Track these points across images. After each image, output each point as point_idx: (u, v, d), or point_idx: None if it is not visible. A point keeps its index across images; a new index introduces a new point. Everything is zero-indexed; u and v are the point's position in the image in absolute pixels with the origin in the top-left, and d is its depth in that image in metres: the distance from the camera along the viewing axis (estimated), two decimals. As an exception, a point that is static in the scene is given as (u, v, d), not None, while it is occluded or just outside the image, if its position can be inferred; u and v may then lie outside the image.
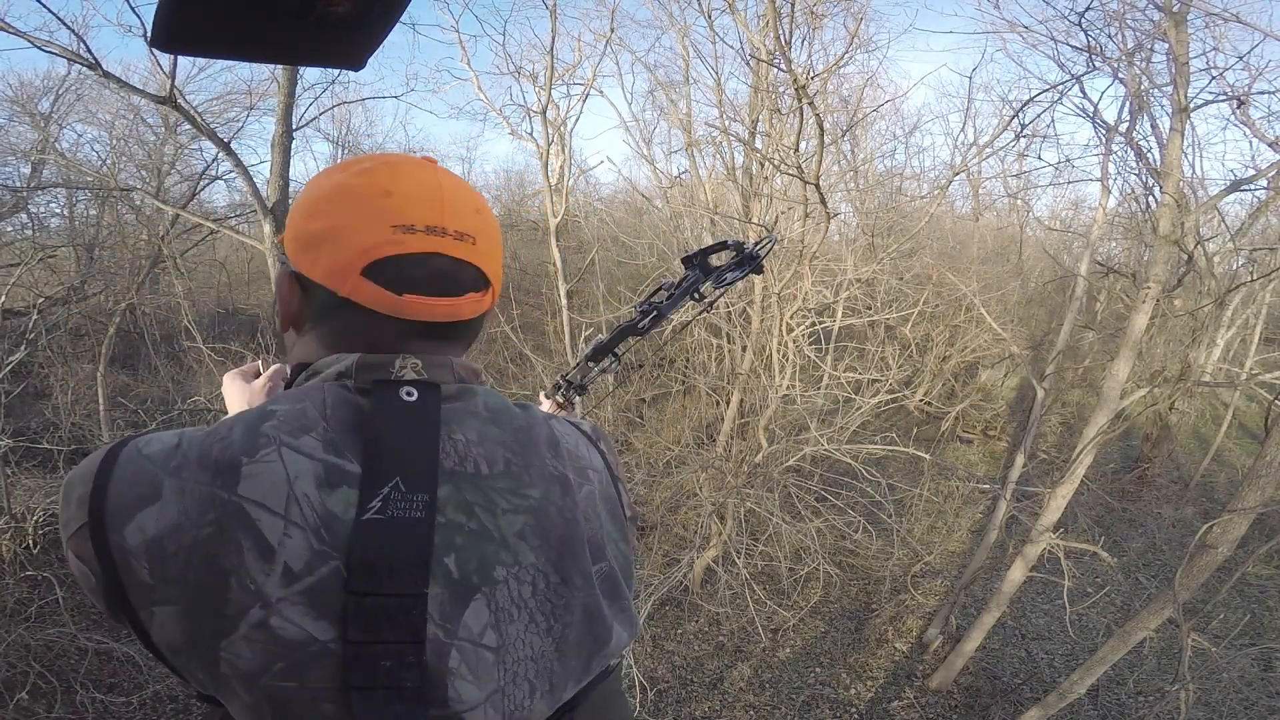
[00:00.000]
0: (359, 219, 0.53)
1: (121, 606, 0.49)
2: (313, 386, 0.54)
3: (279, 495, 0.48)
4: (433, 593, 0.50)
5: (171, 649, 0.49)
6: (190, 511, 0.48)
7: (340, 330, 0.57)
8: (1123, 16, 5.55)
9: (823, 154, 5.00)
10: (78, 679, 5.37)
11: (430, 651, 0.49)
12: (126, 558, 0.48)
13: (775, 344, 6.34)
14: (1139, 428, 11.99)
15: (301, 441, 0.50)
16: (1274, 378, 5.49)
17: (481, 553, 0.52)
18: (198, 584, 0.47)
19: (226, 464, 0.49)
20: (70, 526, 0.50)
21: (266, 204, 4.08)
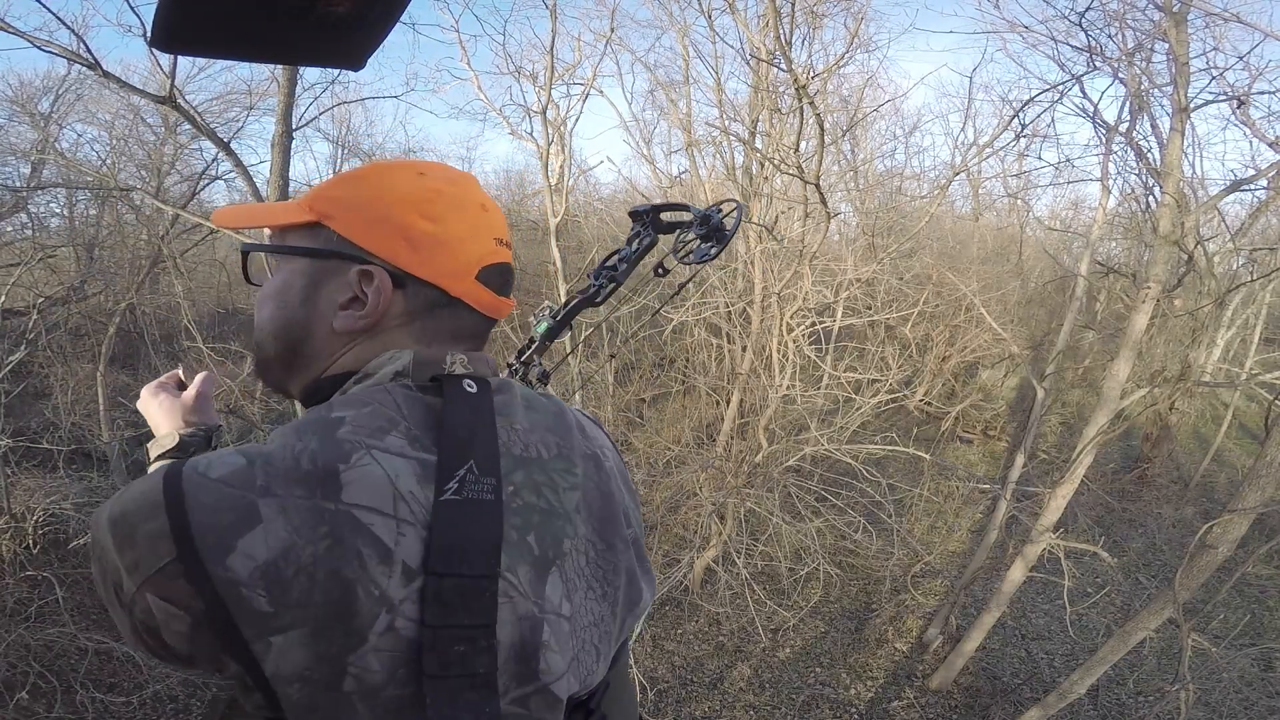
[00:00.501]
0: (470, 227, 0.59)
1: (225, 644, 0.46)
2: (375, 389, 0.54)
3: (385, 496, 0.48)
4: (522, 572, 0.52)
5: (289, 678, 0.46)
6: (300, 529, 0.46)
7: (437, 327, 0.59)
8: (1123, 16, 5.56)
9: (823, 154, 5.00)
10: (78, 679, 5.37)
11: (527, 628, 0.52)
12: (237, 589, 0.45)
13: (775, 344, 6.34)
14: (1139, 428, 11.99)
15: (388, 442, 0.50)
16: (1274, 378, 5.49)
17: (553, 529, 0.56)
18: (324, 602, 0.45)
19: (323, 474, 0.47)
20: (147, 568, 0.46)
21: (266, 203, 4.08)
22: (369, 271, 0.57)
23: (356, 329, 0.58)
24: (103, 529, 0.49)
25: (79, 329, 10.01)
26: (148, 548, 0.46)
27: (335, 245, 0.58)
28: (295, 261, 0.60)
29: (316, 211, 0.58)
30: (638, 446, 8.75)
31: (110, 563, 0.48)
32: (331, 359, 0.59)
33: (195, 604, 0.45)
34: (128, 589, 0.47)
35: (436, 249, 0.57)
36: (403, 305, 0.58)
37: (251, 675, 0.46)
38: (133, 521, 0.47)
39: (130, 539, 0.46)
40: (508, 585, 0.52)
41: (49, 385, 8.62)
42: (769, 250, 6.76)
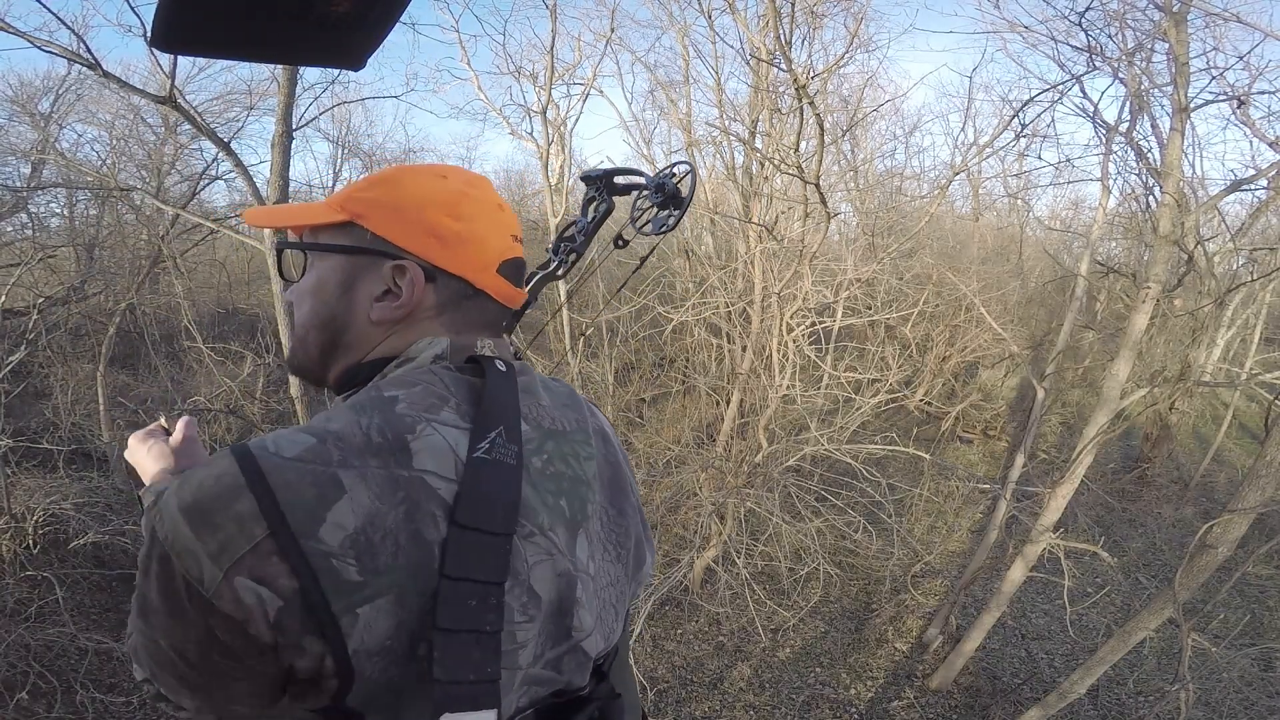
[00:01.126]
0: (490, 226, 0.64)
1: (313, 623, 0.47)
2: (420, 371, 0.58)
3: (449, 463, 0.52)
4: (559, 531, 0.57)
5: (371, 651, 0.48)
6: (382, 495, 0.48)
7: (464, 316, 0.64)
8: (1123, 16, 5.55)
9: (823, 154, 5.00)
10: (78, 679, 5.37)
11: (564, 585, 0.56)
12: (329, 561, 0.46)
13: (775, 344, 6.34)
14: (1139, 428, 11.99)
15: (443, 415, 0.54)
16: (1274, 378, 5.49)
17: (580, 494, 0.61)
18: (407, 564, 0.48)
19: (394, 445, 0.50)
20: (236, 549, 0.46)
21: (266, 204, 4.08)
22: (403, 266, 0.61)
23: (392, 319, 0.62)
24: (173, 521, 0.47)
25: (79, 329, 10.01)
26: (236, 529, 0.46)
27: (369, 243, 0.61)
28: (330, 258, 0.63)
29: (349, 211, 0.62)
30: (638, 446, 8.74)
31: (188, 555, 0.47)
32: (370, 347, 0.63)
33: (288, 582, 0.46)
34: (212, 577, 0.46)
35: (463, 245, 0.62)
36: (433, 297, 0.62)
37: (335, 656, 0.48)
38: (212, 506, 0.47)
39: (212, 524, 0.46)
40: (549, 544, 0.56)
41: (49, 385, 8.62)
42: (769, 250, 6.76)
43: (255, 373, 8.50)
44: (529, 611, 0.54)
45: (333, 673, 0.49)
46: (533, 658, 0.56)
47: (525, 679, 0.56)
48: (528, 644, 0.55)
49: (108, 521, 6.51)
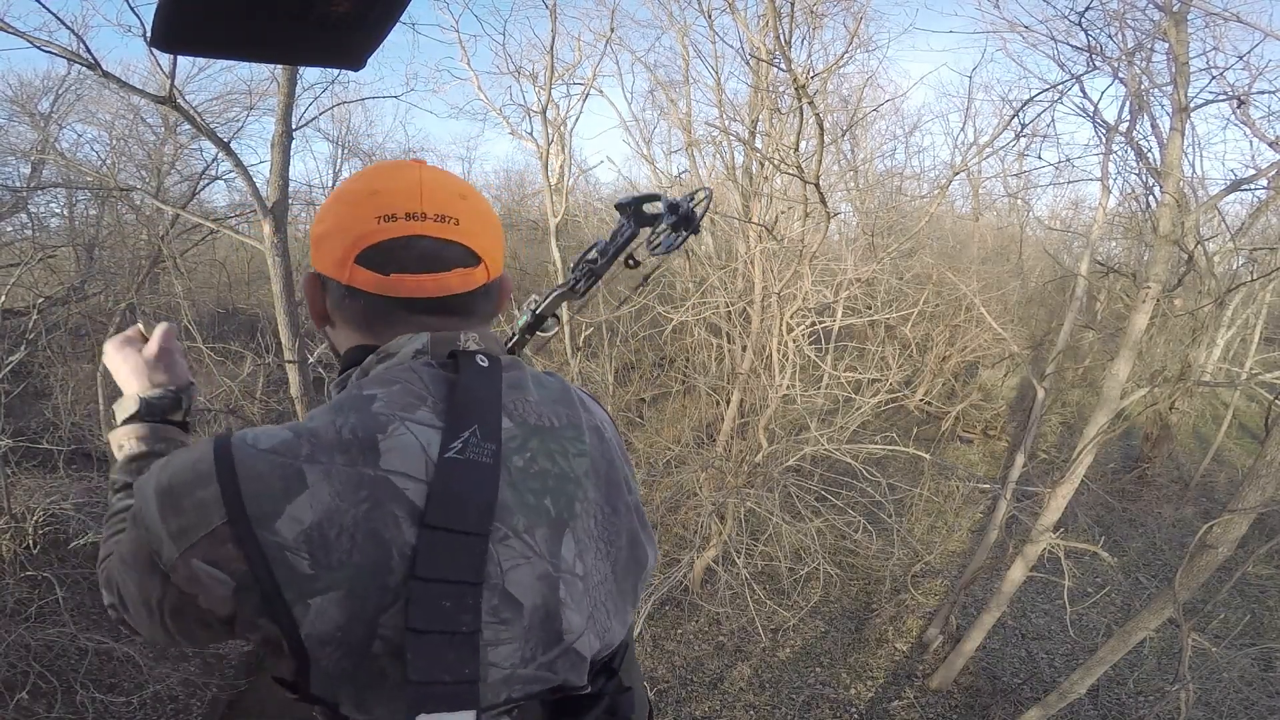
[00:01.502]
0: (351, 216, 0.59)
1: (267, 608, 0.48)
2: (399, 368, 0.58)
3: (419, 463, 0.52)
4: (539, 533, 0.57)
5: (323, 639, 0.49)
6: (343, 493, 0.49)
7: (359, 314, 0.62)
8: (1123, 16, 5.55)
9: (823, 154, 5.00)
10: (78, 679, 5.37)
11: (546, 588, 0.56)
12: (282, 552, 0.48)
13: (775, 344, 6.33)
14: (1139, 428, 11.99)
15: (419, 415, 0.54)
16: (1274, 378, 5.49)
17: (567, 492, 0.60)
18: (362, 563, 0.49)
19: (363, 443, 0.51)
20: (193, 533, 0.48)
21: (266, 204, 4.08)
22: (307, 276, 0.64)
23: (319, 326, 0.66)
24: (149, 499, 0.50)
25: (79, 329, 10.01)
26: (197, 514, 0.48)
27: None
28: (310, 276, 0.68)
29: None
30: (638, 446, 8.74)
31: (152, 531, 0.50)
32: (333, 348, 0.67)
33: (239, 567, 0.48)
34: (169, 555, 0.49)
35: (325, 244, 0.61)
36: (329, 301, 0.64)
37: (288, 639, 0.49)
38: (181, 490, 0.49)
39: (178, 506, 0.49)
40: (525, 546, 0.56)
41: (49, 385, 8.62)
42: (769, 250, 6.76)
43: (255, 373, 8.50)
44: (501, 615, 0.54)
45: (289, 653, 0.50)
46: (520, 659, 0.55)
47: (512, 679, 0.55)
48: (503, 644, 0.54)
49: None
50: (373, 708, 0.52)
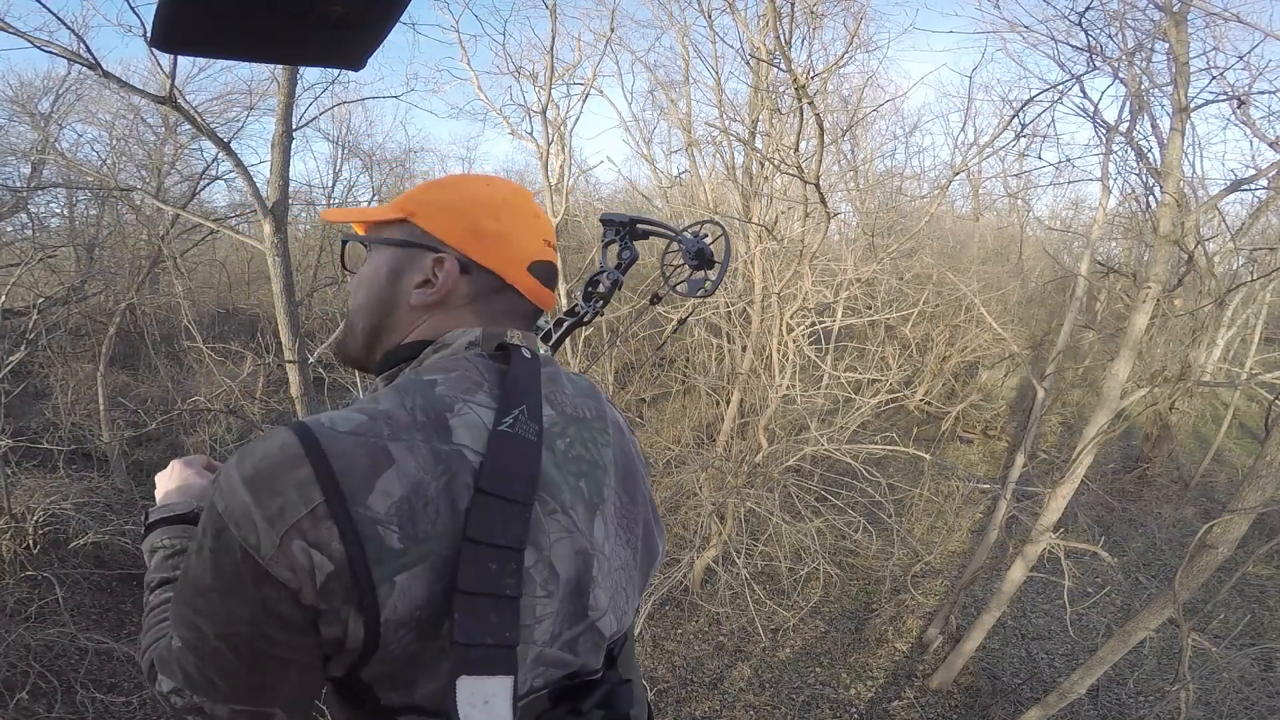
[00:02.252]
0: (525, 230, 0.70)
1: (355, 592, 0.49)
2: (455, 358, 0.63)
3: (481, 438, 0.56)
4: (579, 510, 0.61)
5: (400, 620, 0.50)
6: (425, 466, 0.52)
7: (493, 307, 0.69)
8: (1123, 16, 5.55)
9: (823, 154, 5.00)
10: (78, 679, 5.37)
11: (581, 563, 0.60)
12: (374, 527, 0.49)
13: (775, 344, 6.34)
14: (1139, 428, 11.99)
15: (478, 397, 0.59)
16: (1274, 378, 5.49)
17: (597, 478, 0.65)
18: (444, 533, 0.51)
19: (435, 421, 0.55)
20: (292, 513, 0.49)
21: (266, 204, 4.08)
22: (441, 258, 0.67)
23: (427, 304, 0.68)
24: (236, 491, 0.50)
25: (79, 329, 10.01)
26: (295, 494, 0.49)
27: (416, 237, 0.69)
28: (385, 251, 0.70)
29: (404, 210, 0.70)
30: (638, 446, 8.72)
31: (245, 522, 0.49)
32: (408, 330, 0.69)
33: (338, 546, 0.49)
34: (270, 542, 0.49)
35: (497, 243, 0.68)
36: (466, 288, 0.68)
37: (365, 626, 0.50)
38: (273, 473, 0.50)
39: (273, 489, 0.49)
40: (570, 521, 0.60)
41: (49, 385, 8.62)
42: (769, 250, 6.76)
43: (255, 373, 8.50)
44: (549, 587, 0.57)
45: (359, 643, 0.51)
46: (550, 636, 0.58)
47: (540, 659, 0.57)
48: (545, 619, 0.57)
49: (108, 521, 6.51)
50: (419, 687, 0.53)
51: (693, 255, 0.97)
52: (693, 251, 0.97)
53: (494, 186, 0.72)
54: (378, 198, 14.18)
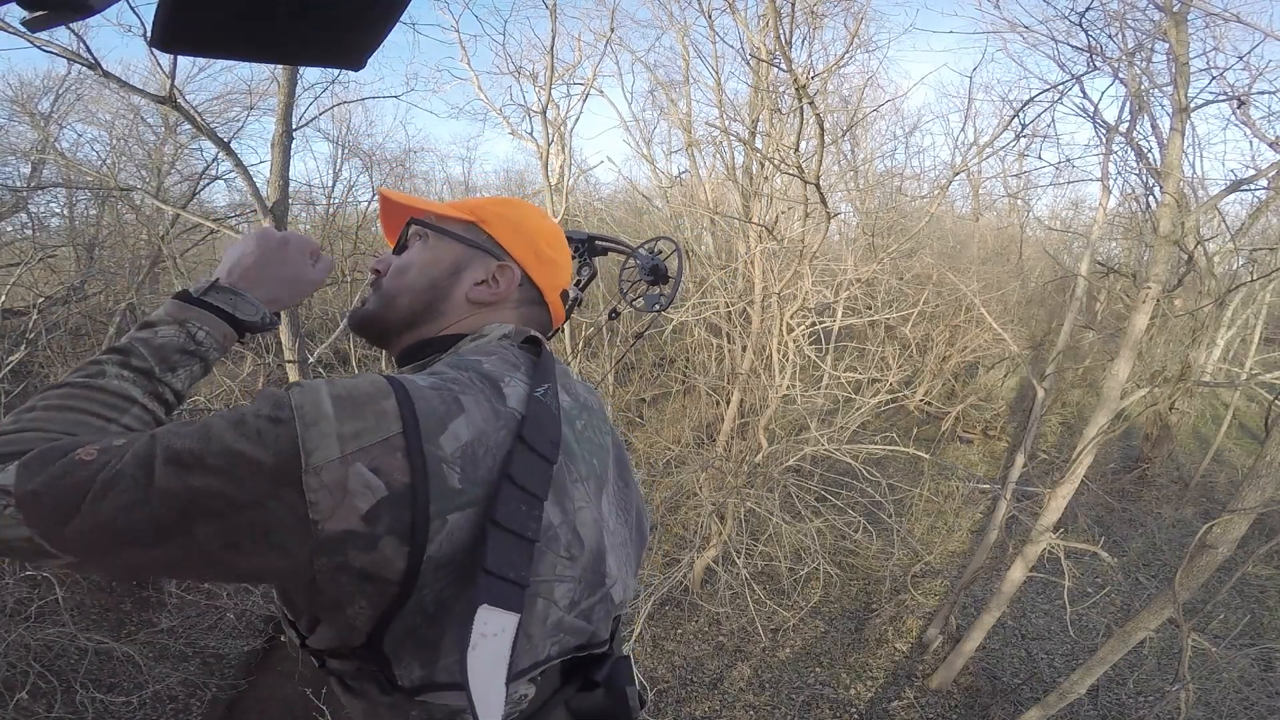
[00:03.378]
0: (565, 263, 0.83)
1: (407, 522, 0.51)
2: (492, 344, 0.70)
3: (524, 405, 0.61)
4: (593, 484, 0.66)
5: (441, 561, 0.52)
6: (488, 419, 0.57)
7: (529, 317, 0.80)
8: (1123, 16, 5.55)
9: (823, 154, 5.00)
10: (77, 679, 5.36)
11: (599, 532, 0.65)
12: (440, 465, 0.52)
13: (775, 344, 6.34)
14: (1139, 428, 11.99)
15: (517, 375, 0.64)
16: (1274, 378, 5.49)
17: (603, 459, 0.71)
18: (496, 480, 0.55)
19: (493, 387, 0.60)
20: (367, 437, 0.51)
21: (266, 204, 4.08)
22: (506, 266, 0.77)
23: (484, 301, 0.76)
24: (320, 398, 0.52)
25: (79, 329, 10.00)
26: (375, 421, 0.52)
27: (483, 242, 0.77)
28: (451, 243, 0.77)
29: (475, 215, 0.78)
30: (638, 446, 8.75)
31: (314, 427, 0.50)
32: (454, 321, 0.75)
33: (400, 478, 0.51)
34: (325, 454, 0.50)
35: (549, 267, 0.80)
36: (517, 295, 0.78)
37: (409, 559, 0.51)
38: (362, 399, 0.53)
39: (357, 412, 0.52)
40: (587, 493, 0.65)
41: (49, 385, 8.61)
42: (769, 250, 6.76)
43: (255, 372, 8.51)
44: (572, 550, 0.61)
45: (397, 575, 0.52)
46: (569, 602, 0.61)
47: (560, 624, 0.60)
48: (565, 581, 0.60)
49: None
50: (443, 654, 0.54)
51: (648, 271, 1.02)
52: (648, 267, 1.02)
53: (548, 221, 0.84)
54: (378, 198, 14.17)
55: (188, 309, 0.68)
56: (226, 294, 0.71)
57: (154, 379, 0.64)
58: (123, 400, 0.61)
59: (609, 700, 0.66)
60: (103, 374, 0.61)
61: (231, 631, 6.71)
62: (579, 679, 0.64)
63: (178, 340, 0.66)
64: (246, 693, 6.29)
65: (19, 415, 0.55)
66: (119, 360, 0.63)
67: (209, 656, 6.36)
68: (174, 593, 6.68)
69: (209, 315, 0.68)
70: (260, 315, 0.73)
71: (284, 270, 0.76)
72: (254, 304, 0.72)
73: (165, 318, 0.67)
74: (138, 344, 0.64)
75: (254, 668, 6.52)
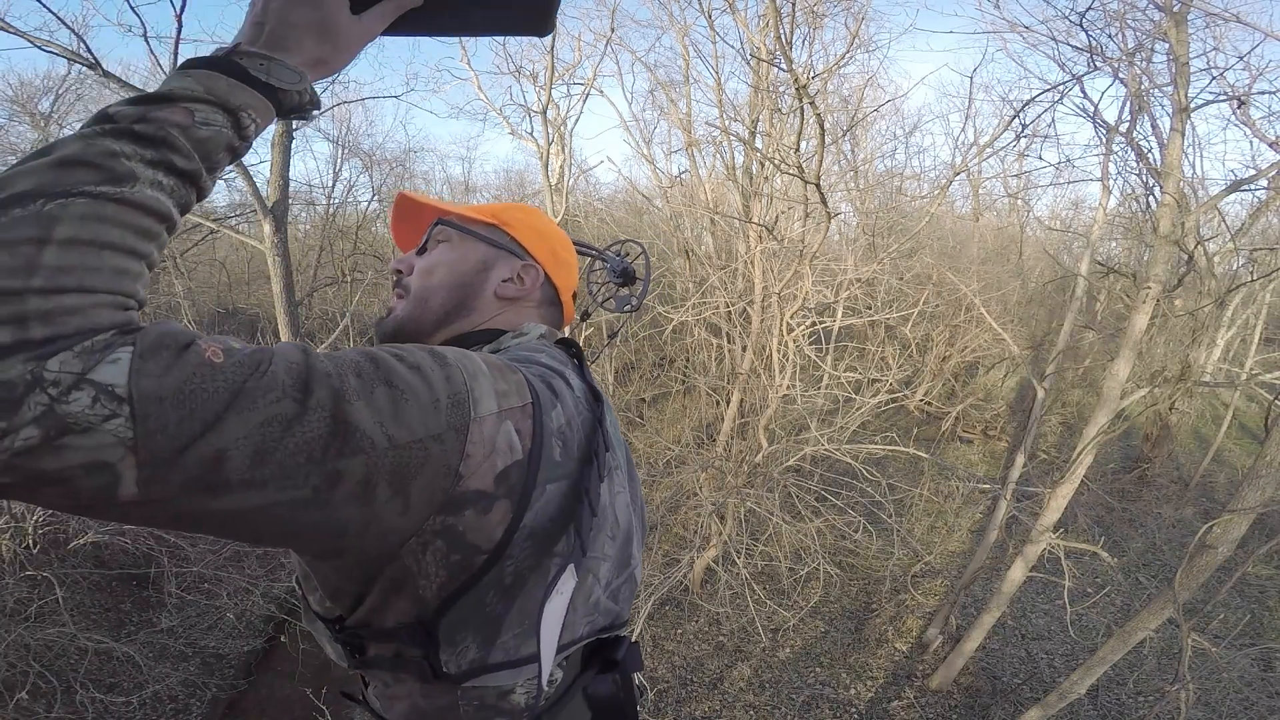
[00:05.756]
0: (575, 267, 0.89)
1: (520, 487, 0.53)
2: (535, 343, 0.74)
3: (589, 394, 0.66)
4: (620, 472, 0.70)
5: (533, 530, 0.54)
6: (575, 402, 0.62)
7: (548, 314, 0.84)
8: (1123, 16, 5.55)
9: (823, 154, 5.00)
10: (77, 679, 5.37)
11: (628, 516, 0.70)
12: (549, 437, 0.56)
13: (775, 344, 6.33)
14: (1139, 428, 11.99)
15: (569, 371, 0.68)
16: (1274, 378, 5.49)
17: (623, 449, 0.75)
18: (580, 460, 0.59)
19: (562, 377, 0.64)
20: (512, 400, 0.54)
21: (266, 203, 4.08)
22: (531, 266, 0.81)
23: (509, 298, 0.79)
24: (473, 359, 0.54)
25: (79, 329, 10.00)
26: (516, 389, 0.55)
27: (507, 243, 0.81)
28: (476, 244, 0.80)
29: (498, 219, 0.82)
30: (638, 446, 8.74)
31: (476, 380, 0.52)
32: (488, 316, 0.78)
33: (528, 444, 0.54)
34: (487, 408, 0.51)
35: (565, 269, 0.86)
36: (539, 294, 0.82)
37: (509, 525, 0.52)
38: (503, 370, 0.56)
39: (505, 377, 0.55)
40: (620, 480, 0.69)
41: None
42: (769, 250, 6.76)
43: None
44: (613, 531, 0.66)
45: (490, 544, 0.52)
46: (606, 582, 0.65)
47: (594, 605, 0.64)
48: (608, 560, 0.65)
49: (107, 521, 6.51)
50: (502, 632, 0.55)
51: (618, 274, 1.06)
52: (617, 270, 1.05)
53: (559, 227, 0.89)
54: (378, 198, 14.18)
55: (236, 87, 0.48)
56: (258, 59, 0.50)
57: (196, 185, 0.46)
58: (159, 224, 0.43)
59: (619, 687, 0.68)
60: (134, 177, 0.41)
61: (231, 631, 6.71)
62: (598, 661, 0.67)
63: (226, 136, 0.47)
64: (246, 693, 6.29)
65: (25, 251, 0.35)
66: (152, 155, 0.43)
67: (209, 656, 6.36)
68: (174, 593, 6.67)
69: (257, 96, 0.49)
70: (302, 85, 0.52)
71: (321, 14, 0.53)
72: (294, 70, 0.52)
73: (203, 93, 0.46)
74: (175, 132, 0.44)
75: (254, 668, 6.52)
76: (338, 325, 6.90)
